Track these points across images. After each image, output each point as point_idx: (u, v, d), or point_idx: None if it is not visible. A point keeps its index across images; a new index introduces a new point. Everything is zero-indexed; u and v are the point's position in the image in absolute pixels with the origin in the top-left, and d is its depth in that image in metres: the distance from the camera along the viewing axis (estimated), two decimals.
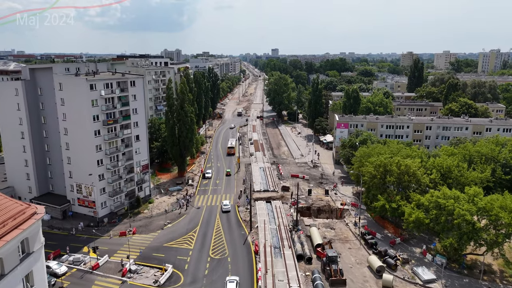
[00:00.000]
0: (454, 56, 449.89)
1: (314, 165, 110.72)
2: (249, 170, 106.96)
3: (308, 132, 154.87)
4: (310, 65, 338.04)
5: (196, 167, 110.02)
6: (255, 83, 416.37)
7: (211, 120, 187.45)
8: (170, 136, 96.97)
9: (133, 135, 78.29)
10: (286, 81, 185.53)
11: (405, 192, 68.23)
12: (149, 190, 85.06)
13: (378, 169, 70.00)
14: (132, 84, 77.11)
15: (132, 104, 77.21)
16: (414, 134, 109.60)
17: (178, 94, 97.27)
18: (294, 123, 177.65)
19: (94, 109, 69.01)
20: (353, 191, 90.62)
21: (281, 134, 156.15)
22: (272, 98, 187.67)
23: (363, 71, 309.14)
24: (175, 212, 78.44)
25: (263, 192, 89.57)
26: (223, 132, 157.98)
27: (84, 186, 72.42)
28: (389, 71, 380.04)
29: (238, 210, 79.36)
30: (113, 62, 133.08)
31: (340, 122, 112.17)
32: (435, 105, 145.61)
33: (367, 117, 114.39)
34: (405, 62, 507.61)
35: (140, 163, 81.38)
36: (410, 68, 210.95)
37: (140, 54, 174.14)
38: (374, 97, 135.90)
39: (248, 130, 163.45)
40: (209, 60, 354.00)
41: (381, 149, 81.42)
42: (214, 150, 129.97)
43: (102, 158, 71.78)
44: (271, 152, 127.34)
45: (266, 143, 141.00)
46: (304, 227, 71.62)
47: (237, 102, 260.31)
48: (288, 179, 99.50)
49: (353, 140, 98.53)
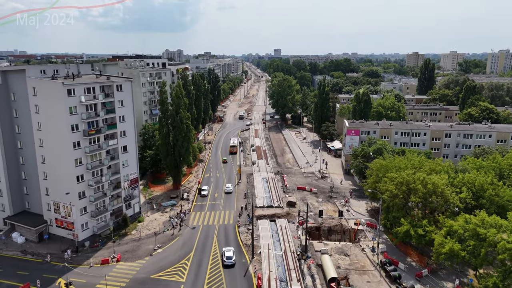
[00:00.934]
0: (461, 56, 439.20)
1: (322, 176, 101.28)
2: (251, 181, 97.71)
3: (314, 137, 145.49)
4: (314, 66, 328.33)
5: (194, 178, 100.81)
6: (257, 84, 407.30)
7: (211, 123, 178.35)
8: (164, 144, 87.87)
9: (120, 146, 69.16)
10: (290, 83, 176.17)
11: (432, 215, 58.82)
12: (138, 207, 75.87)
13: (399, 188, 60.60)
14: (118, 88, 67.99)
15: (118, 111, 68.08)
16: (432, 142, 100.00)
17: (172, 98, 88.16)
18: (299, 127, 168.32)
19: (72, 118, 59.90)
20: (368, 207, 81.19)
21: (285, 140, 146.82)
22: (276, 100, 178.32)
23: (369, 72, 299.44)
24: (167, 234, 69.18)
25: (267, 208, 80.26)
26: (224, 138, 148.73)
27: (62, 205, 63.33)
28: (395, 72, 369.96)
29: (238, 231, 70.07)
30: (106, 63, 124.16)
31: (350, 128, 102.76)
32: (450, 109, 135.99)
33: (379, 123, 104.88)
34: (411, 62, 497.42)
35: (128, 177, 72.24)
36: (420, 69, 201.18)
37: (136, 55, 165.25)
38: (385, 101, 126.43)
39: (250, 135, 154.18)
40: (210, 60, 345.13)
41: (400, 161, 71.93)
42: (214, 157, 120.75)
43: (82, 173, 62.65)
44: (274, 160, 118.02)
45: (269, 149, 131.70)
46: (314, 254, 62.26)
47: (238, 104, 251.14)
48: (294, 192, 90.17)
49: (366, 149, 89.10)
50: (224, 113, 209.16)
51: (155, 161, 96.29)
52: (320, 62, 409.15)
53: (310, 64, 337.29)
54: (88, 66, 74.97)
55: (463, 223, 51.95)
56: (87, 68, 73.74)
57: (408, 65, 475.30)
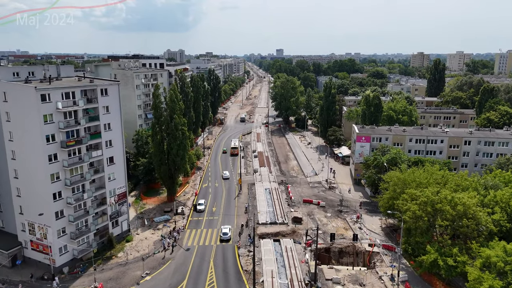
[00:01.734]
0: (468, 56, 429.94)
1: (329, 186, 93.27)
2: (252, 192, 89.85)
3: (319, 142, 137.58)
4: (318, 66, 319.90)
5: (190, 188, 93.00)
6: (259, 85, 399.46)
7: (211, 126, 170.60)
8: (157, 153, 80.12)
9: (105, 157, 61.44)
10: (294, 84, 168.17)
11: (462, 240, 50.81)
12: (127, 225, 68.09)
13: (424, 208, 52.59)
14: (103, 92, 60.22)
15: (103, 118, 60.35)
16: (450, 150, 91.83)
17: (167, 103, 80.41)
18: (303, 130, 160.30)
19: (47, 127, 52.20)
20: (382, 224, 73.14)
21: (289, 144, 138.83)
22: (279, 103, 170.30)
23: (374, 73, 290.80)
24: (157, 257, 61.38)
25: (270, 225, 72.37)
26: (224, 142, 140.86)
27: (37, 225, 55.67)
28: (400, 73, 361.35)
29: (238, 254, 62.15)
30: (97, 64, 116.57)
31: (360, 135, 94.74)
32: (465, 113, 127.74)
33: (392, 129, 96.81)
34: (416, 62, 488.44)
35: (115, 191, 64.48)
36: (430, 70, 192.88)
37: (133, 55, 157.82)
38: (396, 104, 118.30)
39: (251, 139, 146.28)
40: (212, 61, 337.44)
41: (421, 175, 63.88)
42: (213, 164, 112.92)
43: (60, 190, 54.95)
44: (278, 168, 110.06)
45: (272, 155, 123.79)
46: (324, 283, 54.32)
47: (240, 105, 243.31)
48: (299, 205, 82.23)
49: (379, 159, 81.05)
50: (225, 116, 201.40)
51: (148, 170, 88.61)
52: (323, 62, 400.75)
53: (314, 64, 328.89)
54: (71, 68, 67.22)
55: (502, 253, 43.99)
56: (69, 69, 65.97)
57: (413, 65, 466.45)
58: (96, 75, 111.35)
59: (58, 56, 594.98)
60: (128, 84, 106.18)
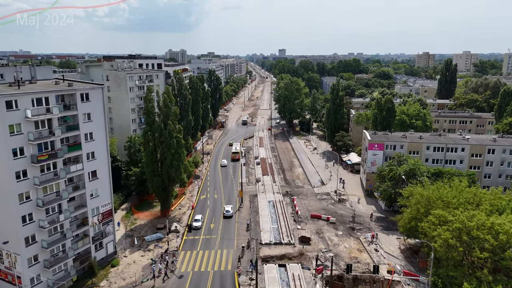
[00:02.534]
0: (475, 57, 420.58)
1: (339, 199, 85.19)
2: (254, 204, 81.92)
3: (326, 147, 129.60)
4: (322, 67, 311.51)
5: (187, 200, 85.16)
6: (261, 85, 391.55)
7: (212, 130, 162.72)
8: (149, 163, 72.30)
9: (86, 171, 53.69)
10: (298, 86, 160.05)
11: (506, 276, 42.71)
12: (113, 246, 60.28)
13: (458, 236, 44.51)
14: (84, 98, 52.45)
15: (84, 127, 52.61)
16: (471, 159, 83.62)
17: (160, 108, 72.61)
18: (308, 134, 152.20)
19: (14, 139, 44.47)
20: (401, 245, 65.04)
21: (294, 150, 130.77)
22: (282, 105, 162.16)
23: (380, 73, 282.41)
24: (146, 286, 53.54)
25: (274, 246, 64.41)
26: (225, 147, 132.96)
27: (5, 253, 47.96)
28: (406, 73, 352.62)
29: (238, 283, 54.17)
30: (89, 65, 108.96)
31: (373, 142, 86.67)
32: (483, 117, 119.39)
33: (407, 136, 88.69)
34: (421, 63, 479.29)
35: (98, 210, 56.70)
36: (441, 71, 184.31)
37: (129, 55, 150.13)
38: (409, 108, 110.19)
39: (254, 144, 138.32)
40: (213, 61, 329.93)
41: (448, 193, 55.73)
42: (212, 172, 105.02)
43: (31, 212, 47.19)
44: (282, 177, 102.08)
45: (275, 162, 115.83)
46: None
47: (242, 107, 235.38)
48: (307, 221, 74.24)
49: (396, 170, 72.93)
50: (226, 118, 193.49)
51: (141, 181, 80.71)
52: (327, 63, 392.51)
53: (318, 64, 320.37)
54: (48, 69, 59.46)
55: None
56: (47, 71, 58.18)
57: (418, 65, 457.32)
58: (87, 76, 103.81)
59: (59, 56, 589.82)
60: (121, 86, 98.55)
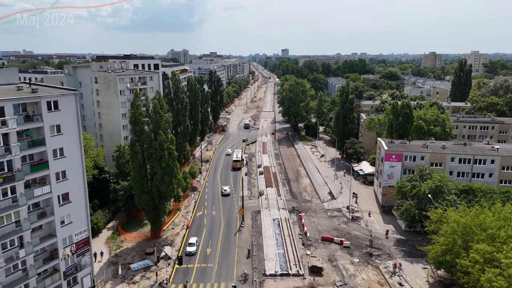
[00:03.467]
0: (483, 57, 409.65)
1: (352, 217, 75.84)
2: (257, 223, 72.71)
3: (334, 153, 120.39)
4: (327, 67, 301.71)
5: (181, 218, 76.05)
6: (264, 86, 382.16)
7: (212, 134, 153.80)
8: (137, 178, 63.36)
9: (55, 194, 44.67)
10: (304, 88, 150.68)
11: None
12: (90, 280, 51.13)
13: None
14: (52, 107, 43.42)
15: (52, 141, 43.57)
16: (502, 172, 74.02)
17: (150, 115, 63.65)
18: (314, 139, 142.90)
19: None
20: (429, 277, 55.62)
21: (299, 157, 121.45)
22: (287, 108, 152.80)
23: (387, 74, 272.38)
24: None
25: (280, 278, 55.15)
26: (225, 154, 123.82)
27: None
28: (413, 73, 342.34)
29: None
30: (76, 65, 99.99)
31: (390, 152, 77.29)
32: (506, 122, 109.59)
33: (428, 145, 79.26)
34: (427, 63, 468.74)
35: (71, 239, 47.67)
36: (455, 72, 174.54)
37: (125, 54, 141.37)
38: (426, 112, 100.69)
39: (256, 150, 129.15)
40: (215, 61, 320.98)
41: (492, 222, 46.17)
42: (211, 183, 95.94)
43: None
44: (287, 189, 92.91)
45: (280, 171, 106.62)
46: None
47: (244, 109, 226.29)
48: (317, 244, 64.99)
49: (419, 187, 63.54)
50: (228, 121, 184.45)
51: (130, 196, 71.55)
52: (331, 63, 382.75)
53: (323, 65, 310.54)
54: (13, 71, 50.32)
55: None
56: (11, 74, 49.13)
57: (424, 65, 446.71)
58: (75, 78, 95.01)
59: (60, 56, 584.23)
60: (111, 89, 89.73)
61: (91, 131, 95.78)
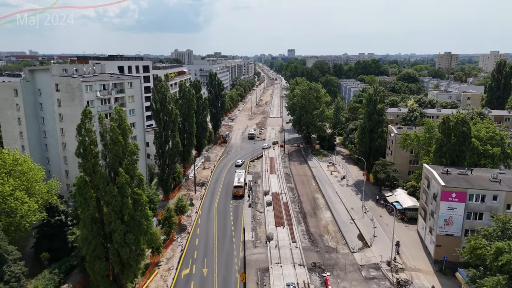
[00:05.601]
0: (503, 57, 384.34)
1: (398, 281, 54.37)
2: None
3: (357, 173, 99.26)
4: (340, 68, 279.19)
5: (159, 280, 54.98)
6: (271, 88, 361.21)
7: (212, 146, 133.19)
8: (89, 236, 42.81)
9: None
10: (318, 93, 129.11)
11: None
12: None
13: None
14: None
15: None
16: None
17: (106, 144, 43.02)
18: (331, 154, 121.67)
19: None
20: None
21: (315, 178, 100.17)
22: (298, 117, 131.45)
23: (405, 76, 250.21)
24: None
25: None
26: (225, 173, 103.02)
27: None
28: (429, 75, 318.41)
29: None
30: (33, 69, 79.37)
31: (448, 189, 55.83)
32: None
33: (501, 178, 57.65)
34: (442, 63, 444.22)
35: None
36: (492, 74, 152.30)
37: (110, 55, 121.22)
38: (480, 128, 78.95)
39: (262, 169, 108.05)
40: (218, 62, 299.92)
41: None
42: (205, 221, 74.86)
43: None
44: (304, 228, 71.77)
45: (293, 199, 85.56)
46: None
47: (249, 115, 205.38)
48: None
49: (505, 252, 41.95)
50: (230, 129, 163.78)
51: None
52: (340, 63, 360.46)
53: (335, 66, 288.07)
54: None
55: None
56: None
57: (439, 66, 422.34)
58: (32, 84, 74.62)
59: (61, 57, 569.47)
60: (75, 99, 69.49)
61: (54, 152, 75.62)
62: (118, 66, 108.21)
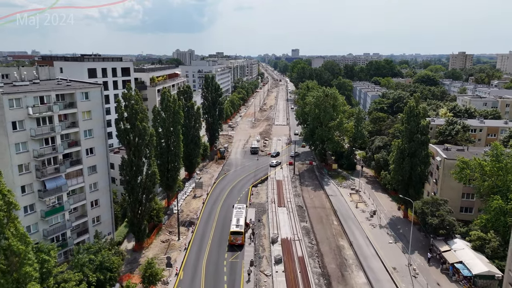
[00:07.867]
0: None
1: None
2: None
3: (386, 202, 76.95)
4: (351, 69, 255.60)
5: None
6: (275, 90, 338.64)
7: (207, 164, 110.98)
8: None
9: None
10: (335, 101, 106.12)
11: None
12: None
13: None
14: None
15: None
16: None
17: None
18: (351, 175, 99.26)
19: None
20: None
21: (335, 213, 77.64)
22: (311, 130, 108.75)
23: (424, 78, 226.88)
24: None
25: None
26: (221, 205, 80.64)
27: None
28: (445, 76, 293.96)
29: None
30: None
31: None
32: None
33: None
34: (456, 64, 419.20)
35: None
36: None
37: (82, 54, 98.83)
38: None
39: (268, 199, 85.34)
40: (219, 62, 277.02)
41: None
42: (189, 282, 52.54)
43: None
44: None
45: (310, 252, 63.02)
46: None
47: (251, 121, 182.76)
48: None
49: None
50: (230, 140, 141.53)
51: None
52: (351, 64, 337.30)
53: (346, 67, 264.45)
54: None
55: None
56: None
57: (453, 67, 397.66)
58: None
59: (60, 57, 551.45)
60: None
61: None
62: (88, 68, 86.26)
